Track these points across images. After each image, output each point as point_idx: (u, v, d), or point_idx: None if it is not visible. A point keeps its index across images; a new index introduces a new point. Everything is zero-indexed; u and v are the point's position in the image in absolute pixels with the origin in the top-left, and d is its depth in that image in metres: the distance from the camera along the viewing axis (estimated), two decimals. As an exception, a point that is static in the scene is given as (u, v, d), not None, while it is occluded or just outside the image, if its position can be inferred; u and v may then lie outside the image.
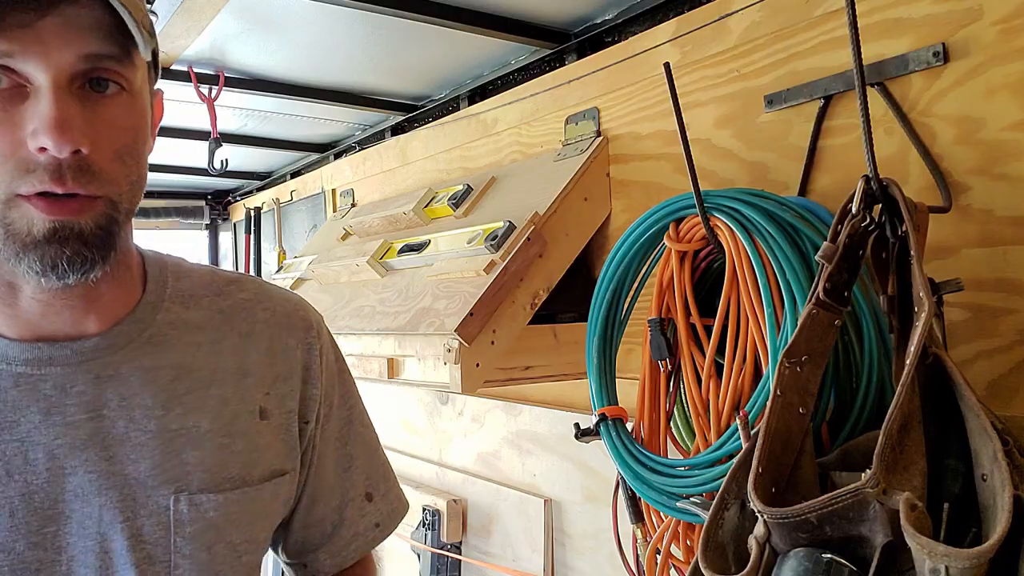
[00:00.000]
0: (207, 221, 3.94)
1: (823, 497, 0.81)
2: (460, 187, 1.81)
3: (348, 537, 0.96)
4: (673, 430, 1.28)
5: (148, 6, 0.77)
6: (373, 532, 0.97)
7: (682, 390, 1.25)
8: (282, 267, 2.51)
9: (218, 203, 3.91)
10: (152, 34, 0.73)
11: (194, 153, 2.86)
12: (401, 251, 1.80)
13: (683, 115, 1.17)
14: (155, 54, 0.77)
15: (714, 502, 0.94)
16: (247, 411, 0.84)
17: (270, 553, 0.98)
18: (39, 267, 0.67)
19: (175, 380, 0.80)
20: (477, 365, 1.37)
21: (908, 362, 0.83)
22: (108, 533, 0.75)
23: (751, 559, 0.86)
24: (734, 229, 1.12)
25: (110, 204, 0.70)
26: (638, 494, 1.24)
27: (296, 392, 0.89)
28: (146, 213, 3.72)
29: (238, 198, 3.76)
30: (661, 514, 1.25)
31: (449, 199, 1.80)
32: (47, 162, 0.65)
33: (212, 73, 2.02)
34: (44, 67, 0.64)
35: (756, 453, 0.91)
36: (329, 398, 0.94)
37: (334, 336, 1.00)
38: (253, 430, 0.84)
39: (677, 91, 1.16)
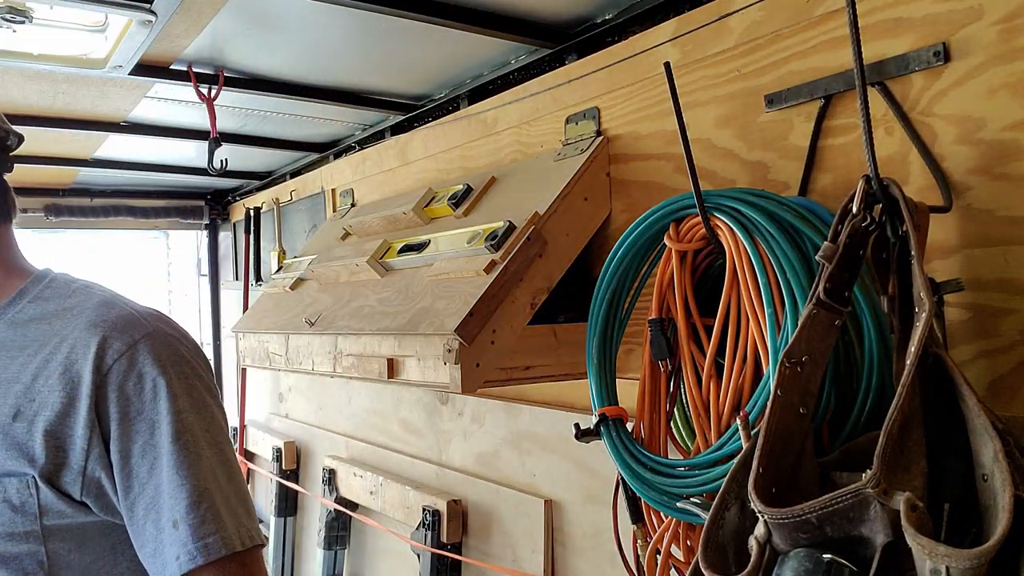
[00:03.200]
0: (207, 221, 3.94)
1: (824, 497, 0.81)
2: (460, 187, 1.80)
3: (165, 562, 0.95)
4: (673, 430, 1.28)
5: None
6: (176, 563, 0.93)
7: (682, 390, 1.25)
8: (282, 267, 2.51)
9: (218, 203, 3.91)
10: None
11: (194, 153, 2.86)
12: (401, 251, 1.80)
13: (683, 115, 1.17)
14: None
15: (714, 502, 0.94)
16: (4, 412, 0.96)
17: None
18: None
19: None
20: (477, 365, 1.37)
21: (909, 362, 0.83)
22: None
23: (751, 559, 0.85)
24: (734, 229, 1.12)
25: None
26: (638, 494, 1.24)
27: (57, 405, 0.95)
28: (146, 213, 3.72)
29: (238, 198, 3.76)
30: (661, 514, 1.25)
31: (449, 199, 1.79)
32: None
33: (212, 73, 2.02)
34: None
35: (756, 453, 0.91)
36: (118, 420, 0.96)
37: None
38: (2, 430, 0.95)
39: (677, 91, 1.16)
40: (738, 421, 1.05)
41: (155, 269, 5.21)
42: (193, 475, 0.95)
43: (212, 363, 4.01)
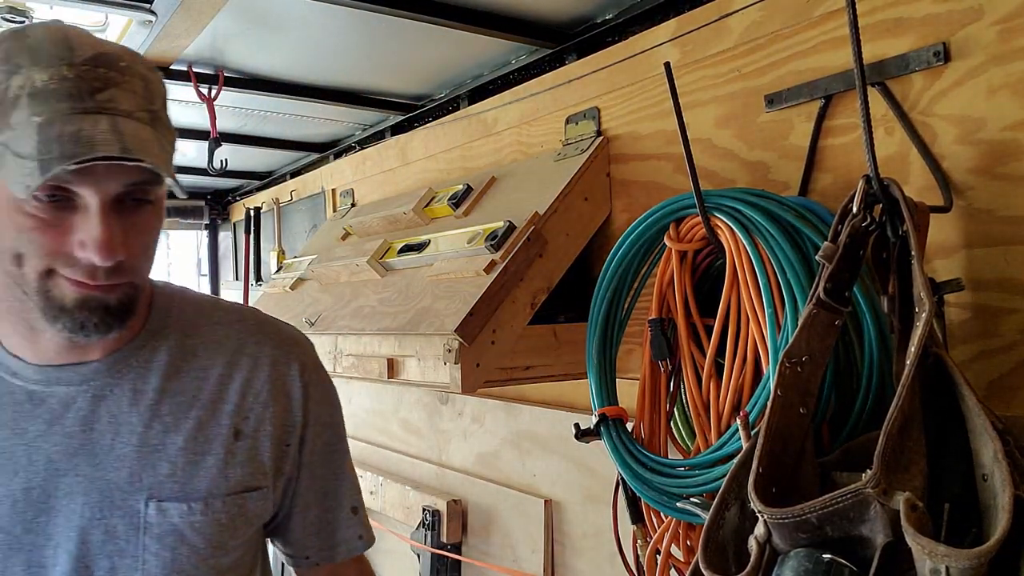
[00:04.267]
0: (207, 221, 3.94)
1: (824, 497, 0.81)
2: (460, 187, 1.80)
3: (338, 540, 1.12)
4: (673, 430, 1.28)
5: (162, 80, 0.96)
6: (357, 541, 1.13)
7: (682, 390, 1.25)
8: (282, 267, 2.51)
9: (218, 203, 3.91)
10: (171, 159, 0.91)
11: (194, 153, 2.86)
12: (401, 251, 1.79)
13: (683, 115, 1.17)
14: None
15: (714, 502, 0.94)
16: (221, 433, 0.98)
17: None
18: (70, 329, 0.85)
19: (158, 403, 0.96)
20: (477, 365, 1.37)
21: (909, 362, 0.83)
22: (88, 527, 0.90)
23: (751, 559, 0.85)
24: (734, 229, 1.12)
25: (132, 286, 0.88)
26: (638, 494, 1.24)
27: (275, 418, 1.02)
28: (146, 213, 3.72)
29: (238, 198, 3.76)
30: (661, 514, 1.25)
31: (449, 199, 1.79)
32: (87, 263, 0.82)
33: (212, 73, 2.02)
34: (95, 192, 0.81)
35: (756, 453, 0.91)
36: (313, 426, 1.07)
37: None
38: (225, 450, 0.98)
39: (677, 91, 1.16)
40: (738, 421, 1.05)
41: (155, 269, 5.21)
42: (353, 471, 1.15)
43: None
